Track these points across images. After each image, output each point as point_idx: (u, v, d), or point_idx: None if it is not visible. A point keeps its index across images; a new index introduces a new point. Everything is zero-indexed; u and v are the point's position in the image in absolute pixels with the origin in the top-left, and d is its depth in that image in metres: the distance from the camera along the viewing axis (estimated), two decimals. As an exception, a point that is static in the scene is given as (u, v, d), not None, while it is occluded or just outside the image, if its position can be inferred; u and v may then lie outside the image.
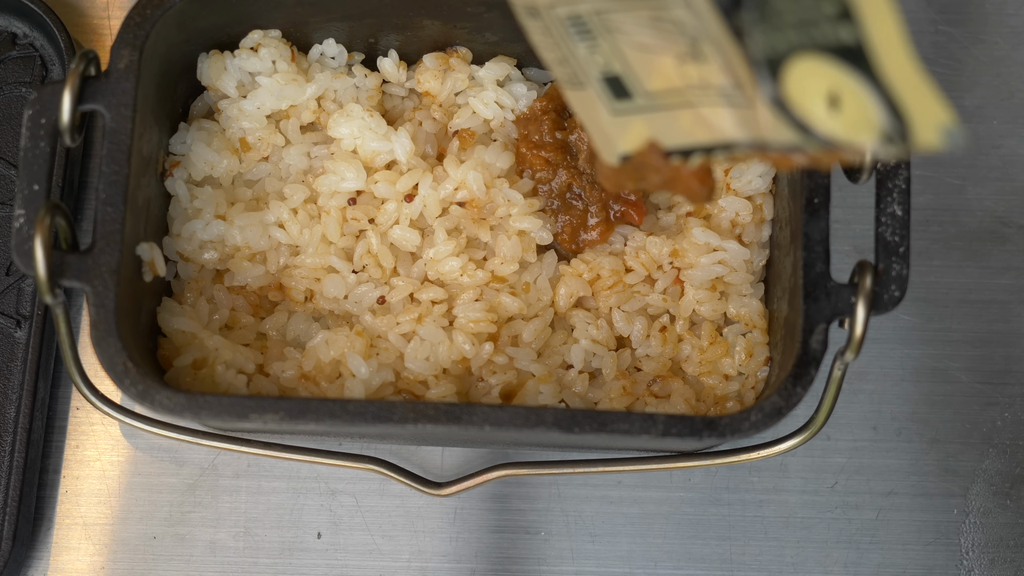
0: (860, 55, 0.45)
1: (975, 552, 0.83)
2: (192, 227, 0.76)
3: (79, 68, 0.68)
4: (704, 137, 0.56)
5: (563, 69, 0.58)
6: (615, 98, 0.57)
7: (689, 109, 0.55)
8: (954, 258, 0.87)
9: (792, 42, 0.47)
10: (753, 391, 0.75)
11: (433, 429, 0.65)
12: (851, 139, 0.48)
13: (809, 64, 0.47)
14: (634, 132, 0.58)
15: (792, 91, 0.49)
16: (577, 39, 0.56)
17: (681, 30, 0.51)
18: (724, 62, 0.51)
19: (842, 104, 0.47)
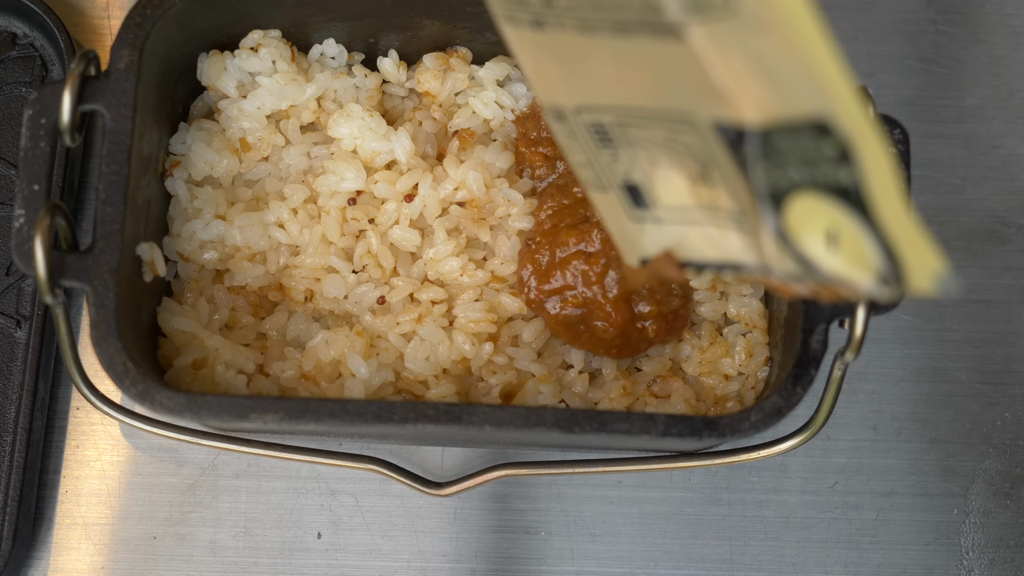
0: (858, 198, 0.46)
1: (975, 552, 0.83)
2: (192, 227, 0.76)
3: (79, 68, 0.68)
4: (714, 255, 0.56)
5: (587, 172, 0.59)
6: (634, 206, 0.58)
7: (700, 227, 0.56)
8: (954, 258, 0.87)
9: (793, 180, 0.48)
10: (753, 391, 0.75)
11: (433, 429, 0.65)
12: (848, 278, 0.49)
13: (809, 201, 0.48)
14: (651, 239, 0.59)
15: (793, 225, 0.49)
16: (600, 146, 0.57)
17: (692, 154, 0.52)
18: (731, 189, 0.51)
19: (840, 243, 0.48)
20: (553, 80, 0.55)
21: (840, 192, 0.46)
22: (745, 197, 0.51)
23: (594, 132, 0.56)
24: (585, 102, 0.55)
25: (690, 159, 0.53)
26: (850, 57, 0.90)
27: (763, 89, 0.46)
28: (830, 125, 0.45)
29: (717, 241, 0.56)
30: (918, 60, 0.91)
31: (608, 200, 0.60)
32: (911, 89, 0.90)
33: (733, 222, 0.54)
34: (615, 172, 0.57)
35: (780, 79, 0.45)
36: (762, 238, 0.52)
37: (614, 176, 0.58)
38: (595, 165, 0.58)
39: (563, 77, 0.54)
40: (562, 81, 0.54)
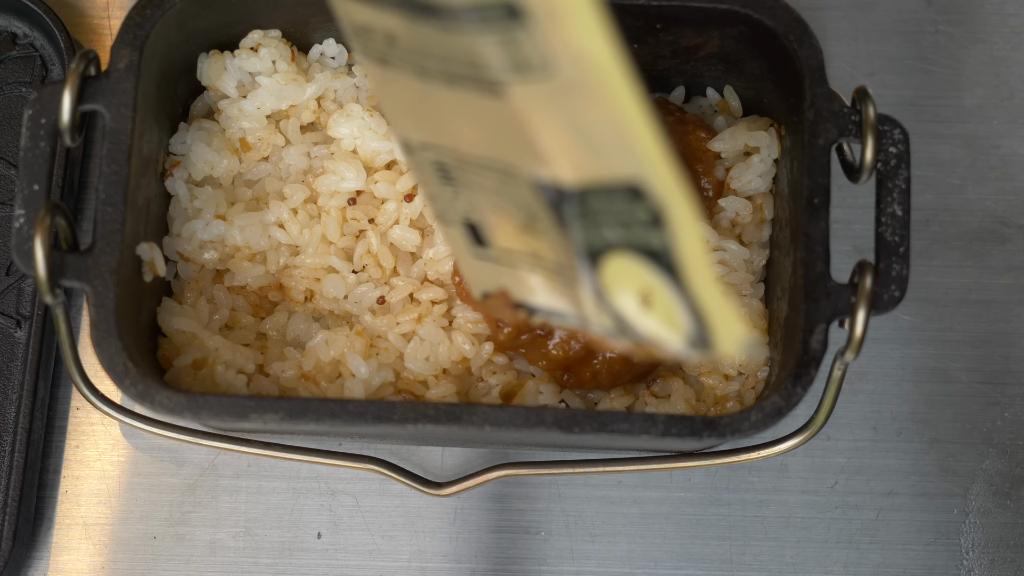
0: (668, 262, 0.46)
1: (975, 552, 0.83)
2: (192, 227, 0.76)
3: (79, 68, 0.68)
4: (543, 301, 0.57)
5: (434, 204, 0.60)
6: (475, 243, 0.59)
7: (529, 273, 0.57)
8: (954, 258, 0.87)
9: (608, 240, 0.48)
10: (753, 391, 0.75)
11: (433, 429, 0.65)
12: (660, 338, 0.50)
13: (623, 262, 0.48)
14: (490, 277, 0.60)
15: (608, 284, 0.50)
16: (443, 183, 0.57)
17: (518, 205, 0.53)
18: (552, 243, 0.52)
19: (653, 304, 0.48)
20: (400, 114, 0.55)
21: (652, 255, 0.47)
22: (564, 252, 0.52)
23: (437, 169, 0.57)
24: (428, 140, 0.56)
25: (516, 209, 0.54)
26: (850, 57, 0.90)
27: (579, 151, 0.46)
28: (642, 190, 0.45)
29: (544, 288, 0.57)
30: (918, 60, 0.91)
31: (452, 234, 0.60)
32: (911, 89, 0.90)
33: (555, 273, 0.55)
34: (457, 209, 0.58)
35: (595, 142, 0.45)
36: (581, 293, 0.53)
37: (456, 213, 0.59)
38: (440, 199, 0.59)
39: (407, 113, 0.55)
40: (407, 117, 0.55)
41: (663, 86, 0.82)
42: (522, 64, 0.44)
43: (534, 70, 0.44)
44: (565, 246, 0.51)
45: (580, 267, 0.51)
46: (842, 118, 0.69)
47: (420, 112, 0.53)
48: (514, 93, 0.46)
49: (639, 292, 0.49)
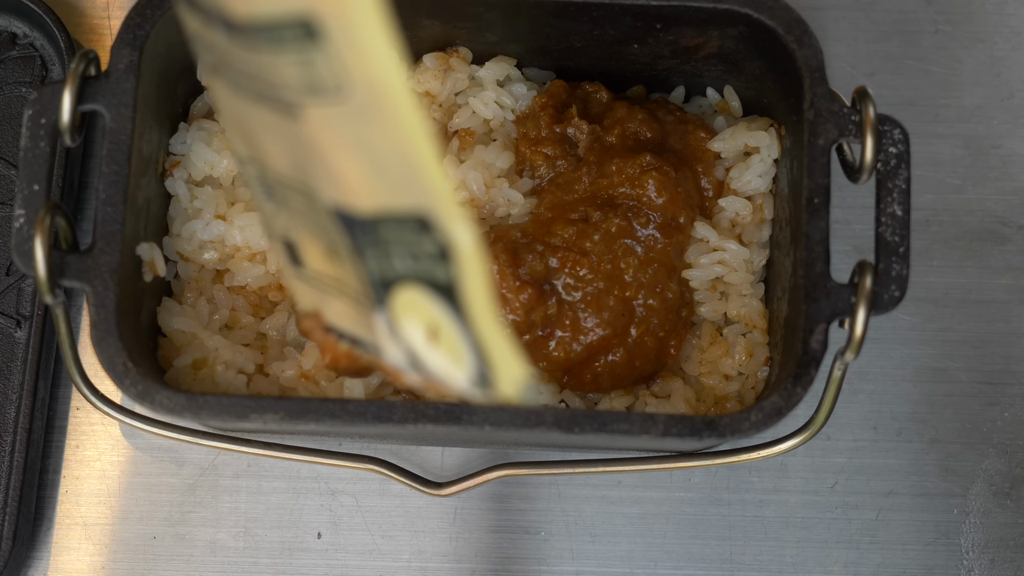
0: (453, 296, 0.46)
1: (975, 552, 0.83)
2: (192, 227, 0.76)
3: (79, 68, 0.68)
4: (348, 327, 0.57)
5: (259, 215, 0.60)
6: (291, 263, 0.59)
7: (336, 298, 0.57)
8: (954, 258, 0.87)
9: (398, 271, 0.48)
10: (753, 391, 0.75)
11: (433, 429, 0.65)
12: (446, 375, 0.49)
13: (413, 294, 0.48)
14: (308, 297, 0.60)
15: (398, 316, 0.50)
16: (265, 198, 0.58)
17: (321, 228, 0.53)
18: (351, 270, 0.52)
19: (439, 339, 0.48)
20: (229, 124, 0.56)
21: (440, 289, 0.47)
22: (360, 281, 0.52)
23: (260, 184, 0.57)
24: (250, 154, 0.56)
25: (320, 233, 0.54)
26: (850, 57, 0.90)
27: (370, 178, 0.46)
28: (430, 222, 0.45)
29: (346, 315, 0.56)
30: (918, 60, 0.91)
31: (276, 249, 0.61)
32: (911, 89, 0.90)
33: (355, 301, 0.54)
34: (277, 226, 0.58)
35: (386, 170, 0.45)
36: (376, 323, 0.52)
37: (277, 229, 0.59)
38: (264, 213, 0.59)
39: (234, 125, 0.55)
40: (234, 128, 0.55)
41: (663, 86, 0.82)
42: (317, 86, 0.44)
43: (328, 93, 0.44)
44: (360, 275, 0.51)
45: (373, 297, 0.51)
46: (842, 118, 0.69)
47: (242, 126, 0.53)
48: (309, 115, 0.46)
49: (427, 326, 0.48)
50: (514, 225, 0.76)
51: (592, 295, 0.73)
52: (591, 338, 0.73)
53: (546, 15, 0.74)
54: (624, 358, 0.74)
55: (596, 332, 0.73)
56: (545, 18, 0.74)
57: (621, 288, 0.74)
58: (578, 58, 0.79)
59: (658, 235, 0.74)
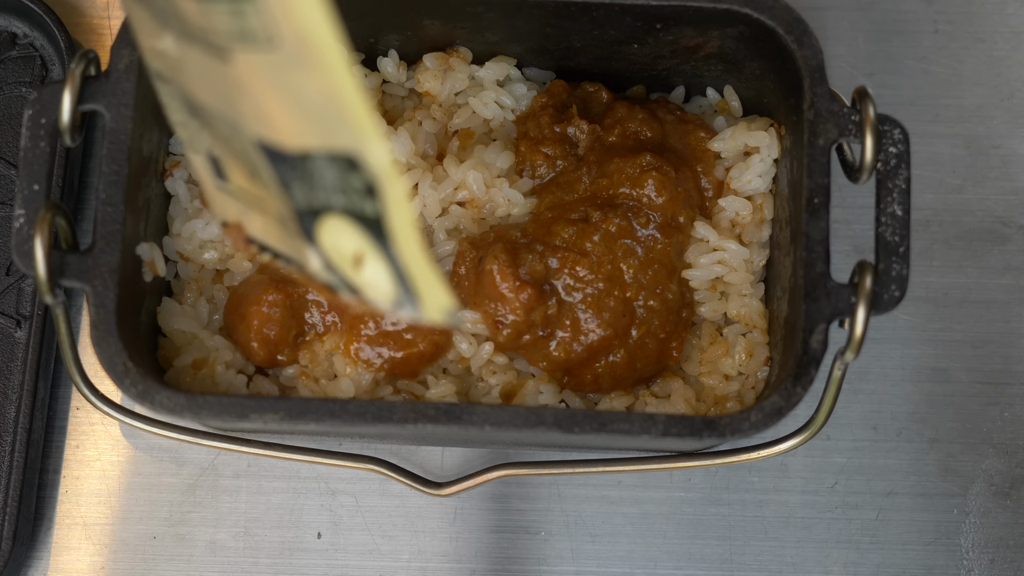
0: (380, 229, 0.49)
1: (975, 552, 0.83)
2: (192, 227, 0.76)
3: (79, 68, 0.68)
4: (271, 241, 0.59)
5: (183, 131, 0.61)
6: (216, 176, 0.60)
7: (259, 214, 0.59)
8: (954, 258, 0.87)
9: (326, 203, 0.51)
10: (753, 391, 0.75)
11: (433, 429, 0.65)
12: (371, 296, 0.52)
13: (340, 223, 0.51)
14: (230, 209, 0.61)
15: (325, 242, 0.53)
16: (190, 115, 0.59)
17: (244, 155, 0.55)
18: (276, 195, 0.54)
19: (363, 265, 0.51)
20: (149, 41, 0.56)
21: (365, 221, 0.49)
22: (285, 207, 0.54)
23: (184, 102, 0.58)
24: (172, 78, 0.57)
25: (243, 160, 0.55)
26: (850, 57, 0.90)
27: (298, 119, 0.48)
28: (358, 161, 0.47)
29: (270, 230, 0.59)
30: (918, 60, 0.91)
31: (198, 162, 0.62)
32: (911, 89, 0.90)
33: (278, 222, 0.57)
34: (202, 141, 0.60)
35: (313, 113, 0.47)
36: (302, 246, 0.55)
37: (201, 144, 0.60)
38: (187, 128, 0.60)
39: (155, 45, 0.56)
40: (155, 50, 0.56)
41: (663, 86, 0.82)
42: (248, 35, 0.46)
43: (259, 41, 0.46)
44: (286, 202, 0.54)
45: (300, 223, 0.54)
46: (842, 118, 0.69)
47: (164, 52, 0.55)
48: (238, 60, 0.48)
49: (352, 252, 0.51)
50: (514, 225, 0.76)
51: (592, 295, 0.73)
52: (592, 339, 0.73)
53: (546, 15, 0.74)
54: (625, 359, 0.74)
55: (597, 332, 0.73)
56: (545, 18, 0.74)
57: (621, 289, 0.74)
58: (578, 58, 0.79)
59: (658, 235, 0.74)
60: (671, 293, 0.74)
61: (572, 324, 0.74)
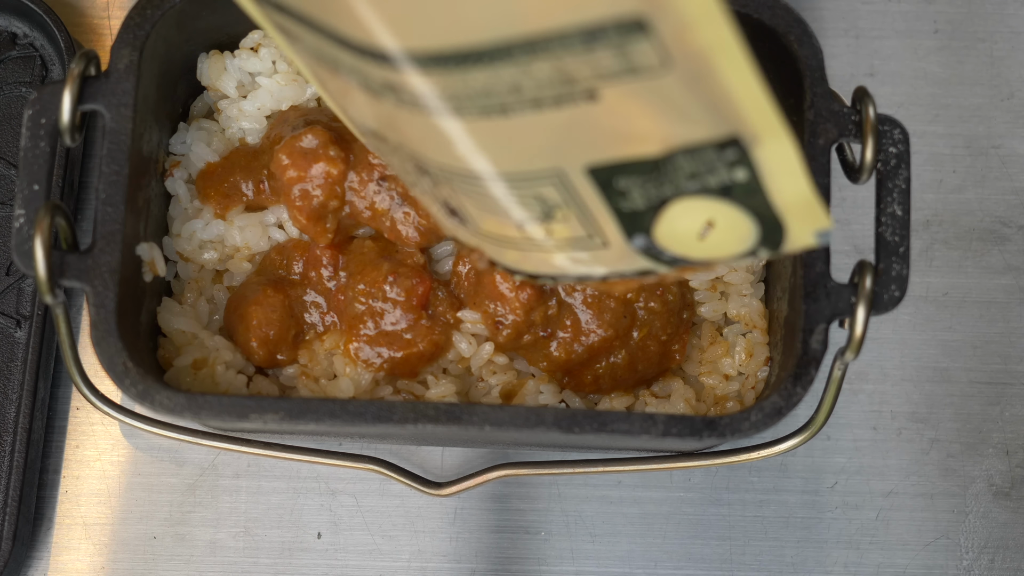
0: (743, 189, 0.53)
1: (975, 552, 0.83)
2: (192, 227, 0.76)
3: (79, 68, 0.68)
4: (530, 268, 0.64)
5: (413, 188, 0.65)
6: (454, 221, 0.64)
7: (517, 251, 0.63)
8: (954, 258, 0.87)
9: (674, 191, 0.55)
10: (753, 391, 0.75)
11: (433, 429, 0.65)
12: (715, 257, 0.58)
13: (686, 204, 0.55)
14: (469, 239, 0.65)
15: (660, 230, 0.57)
16: (419, 174, 0.62)
17: (541, 200, 0.58)
18: (582, 221, 0.58)
19: (714, 229, 0.56)
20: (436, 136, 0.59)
21: (723, 190, 0.54)
22: (600, 222, 0.58)
23: (413, 163, 0.61)
24: (404, 143, 0.60)
25: (537, 205, 0.58)
26: (850, 57, 0.90)
27: (672, 125, 0.51)
28: (742, 138, 0.51)
29: (533, 259, 0.63)
30: (918, 60, 0.91)
31: (432, 207, 0.65)
32: (911, 89, 0.90)
33: (570, 246, 0.61)
34: (437, 194, 0.63)
35: (688, 112, 0.50)
36: (614, 250, 0.59)
37: (434, 195, 0.63)
38: (420, 185, 0.63)
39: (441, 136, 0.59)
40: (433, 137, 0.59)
41: (663, 86, 0.82)
42: (638, 67, 0.49)
43: (648, 70, 0.49)
44: (606, 216, 0.57)
45: (629, 232, 0.57)
46: (842, 118, 0.69)
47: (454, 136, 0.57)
48: (607, 95, 0.50)
49: (700, 225, 0.56)
50: None
51: (593, 296, 0.73)
52: (592, 339, 0.73)
53: (546, 15, 0.74)
54: (626, 360, 0.74)
55: (597, 333, 0.73)
56: (545, 18, 0.74)
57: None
58: (578, 58, 0.79)
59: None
60: (671, 294, 0.74)
61: (573, 324, 0.73)
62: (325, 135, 0.72)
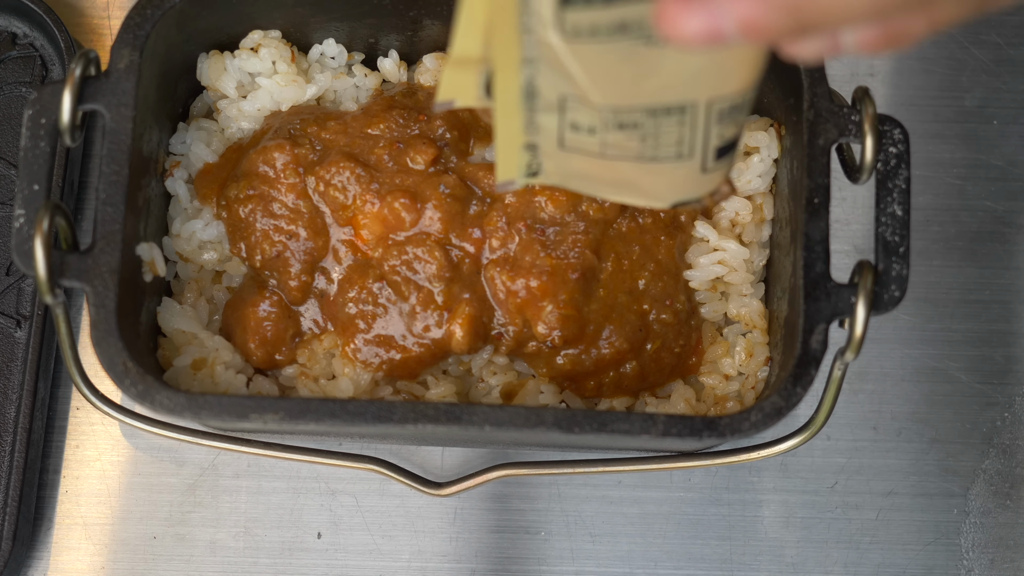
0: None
1: (975, 552, 0.83)
2: (191, 227, 0.76)
3: (79, 68, 0.68)
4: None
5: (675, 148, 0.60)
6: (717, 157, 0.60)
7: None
8: (954, 258, 0.87)
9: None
10: (753, 391, 0.75)
11: (433, 429, 0.65)
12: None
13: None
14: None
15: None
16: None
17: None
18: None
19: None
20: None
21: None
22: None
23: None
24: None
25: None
26: (850, 57, 0.90)
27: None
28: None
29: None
30: (918, 60, 0.91)
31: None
32: (911, 89, 0.90)
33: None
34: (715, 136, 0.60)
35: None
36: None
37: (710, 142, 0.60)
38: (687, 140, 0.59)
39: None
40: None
41: (663, 86, 0.81)
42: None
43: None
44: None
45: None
46: (842, 118, 0.69)
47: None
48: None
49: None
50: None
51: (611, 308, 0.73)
52: (604, 351, 0.74)
53: (546, 15, 0.74)
54: (636, 371, 0.74)
55: (615, 346, 0.74)
56: (545, 18, 0.74)
57: (637, 300, 0.74)
58: (578, 58, 0.79)
59: (662, 236, 0.75)
60: (680, 303, 0.75)
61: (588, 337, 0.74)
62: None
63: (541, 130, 0.56)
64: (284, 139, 0.74)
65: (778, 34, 0.43)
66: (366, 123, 0.75)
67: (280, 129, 0.75)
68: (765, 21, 0.43)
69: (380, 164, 0.73)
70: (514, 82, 0.53)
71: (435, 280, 0.72)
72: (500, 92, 0.54)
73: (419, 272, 0.72)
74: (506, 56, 0.52)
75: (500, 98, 0.54)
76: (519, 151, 0.58)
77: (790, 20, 0.43)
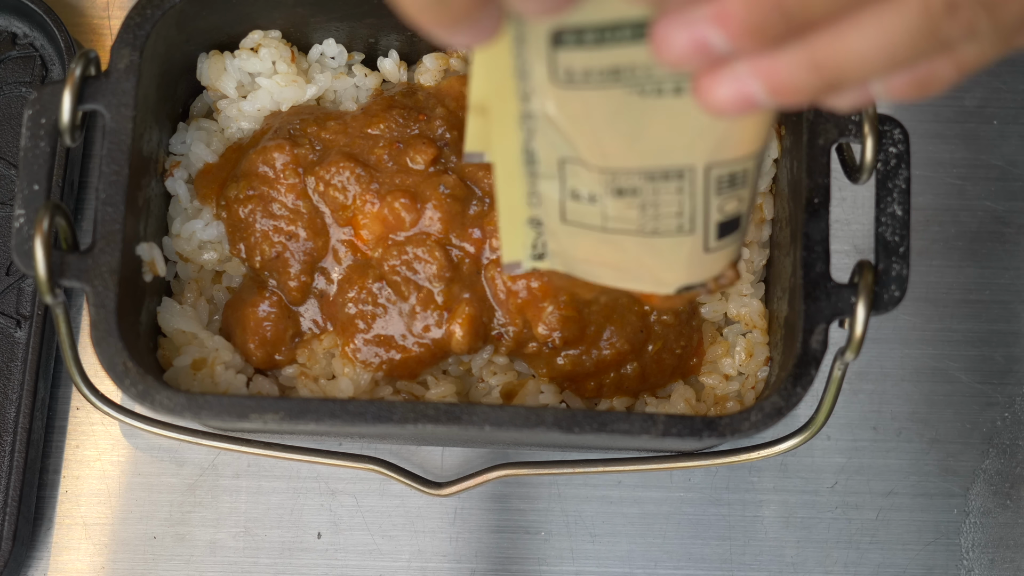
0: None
1: (975, 552, 0.83)
2: (192, 227, 0.76)
3: (79, 68, 0.68)
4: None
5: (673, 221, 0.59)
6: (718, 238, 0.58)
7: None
8: (954, 258, 0.87)
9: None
10: (753, 391, 0.75)
11: (433, 429, 0.65)
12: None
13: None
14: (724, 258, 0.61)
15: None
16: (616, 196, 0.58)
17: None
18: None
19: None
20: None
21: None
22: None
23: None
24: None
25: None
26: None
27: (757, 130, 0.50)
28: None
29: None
30: (918, 60, 0.90)
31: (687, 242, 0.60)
32: (911, 89, 0.90)
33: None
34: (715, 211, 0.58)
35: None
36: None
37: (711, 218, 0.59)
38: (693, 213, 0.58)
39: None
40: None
41: (663, 86, 0.81)
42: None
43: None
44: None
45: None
46: (842, 118, 0.69)
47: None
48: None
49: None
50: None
51: (611, 310, 0.73)
52: (606, 353, 0.74)
53: (546, 15, 0.74)
54: (637, 372, 0.74)
55: (616, 347, 0.73)
56: (545, 18, 0.74)
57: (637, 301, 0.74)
58: (578, 58, 0.79)
59: None
60: (681, 304, 0.75)
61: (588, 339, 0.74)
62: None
63: (544, 201, 0.54)
64: (284, 139, 0.74)
65: (807, 95, 0.43)
66: (366, 123, 0.75)
67: (280, 129, 0.75)
68: (792, 82, 0.42)
69: (380, 164, 0.73)
70: (514, 140, 0.52)
71: (435, 280, 0.72)
72: (500, 154, 0.53)
73: (419, 272, 0.72)
74: (504, 110, 0.51)
75: (500, 161, 0.53)
76: (523, 227, 0.57)
77: (816, 79, 0.42)
